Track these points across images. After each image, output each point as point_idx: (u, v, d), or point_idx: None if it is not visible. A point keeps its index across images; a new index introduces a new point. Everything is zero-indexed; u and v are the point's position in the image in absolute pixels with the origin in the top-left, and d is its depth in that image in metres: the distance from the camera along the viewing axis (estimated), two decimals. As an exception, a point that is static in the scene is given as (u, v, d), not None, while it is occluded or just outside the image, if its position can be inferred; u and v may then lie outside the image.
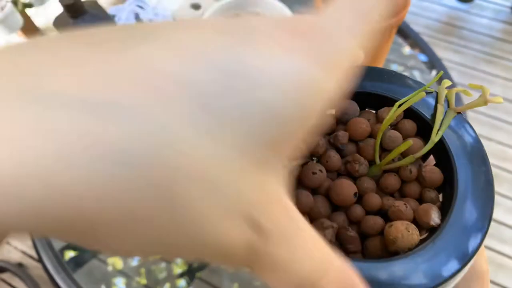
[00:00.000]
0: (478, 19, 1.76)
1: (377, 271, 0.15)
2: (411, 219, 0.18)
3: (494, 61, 1.61)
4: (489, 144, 1.40)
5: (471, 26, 1.73)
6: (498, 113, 1.47)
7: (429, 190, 0.19)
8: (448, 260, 0.16)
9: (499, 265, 1.18)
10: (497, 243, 1.22)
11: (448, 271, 0.15)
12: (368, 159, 0.20)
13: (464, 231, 0.16)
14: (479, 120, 1.46)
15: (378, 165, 0.20)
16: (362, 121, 0.20)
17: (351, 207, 0.19)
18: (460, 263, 0.16)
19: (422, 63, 0.78)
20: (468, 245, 0.16)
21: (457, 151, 0.18)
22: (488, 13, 1.77)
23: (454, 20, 1.76)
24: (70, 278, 0.58)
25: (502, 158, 1.37)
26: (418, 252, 0.16)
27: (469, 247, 0.16)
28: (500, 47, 1.65)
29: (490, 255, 1.20)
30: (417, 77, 0.76)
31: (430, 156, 0.20)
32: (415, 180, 0.19)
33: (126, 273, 0.59)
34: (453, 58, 1.62)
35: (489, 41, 1.67)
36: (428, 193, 0.19)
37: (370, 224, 0.18)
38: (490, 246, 1.21)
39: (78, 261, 0.60)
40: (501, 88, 1.53)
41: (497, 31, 1.71)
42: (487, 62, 1.61)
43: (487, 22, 1.74)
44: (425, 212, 0.17)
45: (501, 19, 1.75)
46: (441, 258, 0.16)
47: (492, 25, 1.73)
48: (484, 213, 0.17)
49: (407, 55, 0.79)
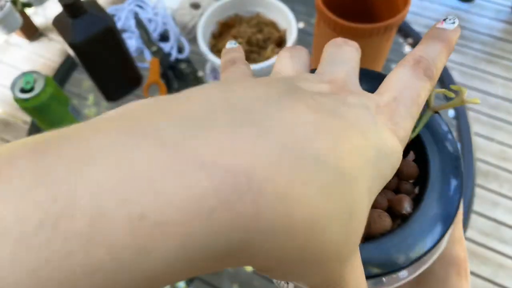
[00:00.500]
0: (478, 18, 1.75)
1: None
2: (385, 208, 0.20)
3: (494, 61, 1.61)
4: (490, 144, 1.40)
5: (471, 26, 1.72)
6: (499, 113, 1.47)
7: (405, 183, 0.21)
8: (416, 243, 0.18)
9: (499, 265, 1.18)
10: (498, 243, 1.21)
11: (415, 253, 0.17)
12: None
13: (432, 218, 0.18)
14: (479, 120, 1.46)
15: None
16: None
17: None
18: (427, 247, 0.18)
19: (422, 63, 0.77)
20: (434, 231, 0.18)
21: (431, 147, 0.20)
22: (488, 13, 1.77)
23: (454, 20, 1.75)
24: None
25: (503, 158, 1.37)
26: (389, 236, 0.18)
27: (435, 233, 0.18)
28: (501, 46, 1.65)
29: (490, 255, 1.20)
30: (418, 77, 0.76)
31: (410, 152, 0.22)
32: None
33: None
34: (453, 57, 1.62)
35: (490, 40, 1.67)
36: (404, 185, 0.21)
37: None
38: (490, 246, 1.21)
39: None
40: (501, 88, 1.53)
41: (498, 31, 1.70)
42: (488, 61, 1.61)
43: (488, 22, 1.73)
44: (399, 202, 0.19)
45: (501, 18, 1.75)
46: (409, 242, 0.18)
47: (493, 25, 1.72)
48: (452, 204, 0.19)
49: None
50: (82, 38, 0.58)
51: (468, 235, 1.23)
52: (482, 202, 1.29)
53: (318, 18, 0.52)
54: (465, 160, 0.64)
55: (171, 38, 0.77)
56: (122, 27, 0.80)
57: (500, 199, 1.29)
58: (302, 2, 0.89)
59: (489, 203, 1.29)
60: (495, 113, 1.47)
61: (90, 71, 0.65)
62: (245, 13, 0.70)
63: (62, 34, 0.59)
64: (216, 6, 0.67)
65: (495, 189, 1.31)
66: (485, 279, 1.16)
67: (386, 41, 0.49)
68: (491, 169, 1.35)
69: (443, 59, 0.18)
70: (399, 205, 0.19)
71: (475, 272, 1.18)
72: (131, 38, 0.79)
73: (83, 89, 0.79)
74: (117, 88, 0.71)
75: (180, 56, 0.77)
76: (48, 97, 0.60)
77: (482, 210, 1.27)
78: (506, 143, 1.40)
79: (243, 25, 0.68)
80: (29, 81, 0.61)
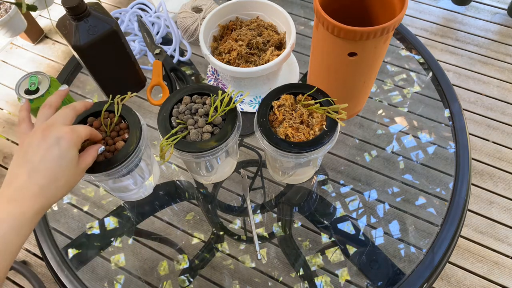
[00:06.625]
0: (474, 21, 1.77)
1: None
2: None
3: (489, 63, 1.63)
4: (485, 144, 1.42)
5: (467, 28, 1.75)
6: (494, 114, 1.49)
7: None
8: None
9: (495, 263, 1.20)
10: (493, 241, 1.23)
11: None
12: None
13: None
14: (475, 120, 1.48)
15: None
16: None
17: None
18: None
19: (418, 65, 0.79)
20: None
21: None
22: (483, 15, 1.79)
23: (450, 22, 1.78)
24: (73, 276, 0.59)
25: (498, 157, 1.39)
26: None
27: None
28: (496, 48, 1.67)
29: (486, 253, 1.21)
30: (414, 78, 0.78)
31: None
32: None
33: (128, 271, 0.60)
34: (449, 59, 1.64)
35: (485, 42, 1.69)
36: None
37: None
38: (485, 244, 1.23)
39: (81, 258, 0.61)
40: (496, 89, 1.55)
41: (493, 33, 1.73)
42: (483, 63, 1.63)
43: (483, 24, 1.76)
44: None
45: (496, 21, 1.77)
46: None
47: (488, 27, 1.75)
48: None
49: (404, 57, 0.81)
50: (86, 41, 0.58)
51: (464, 233, 1.25)
52: (478, 201, 1.31)
53: (316, 21, 0.53)
54: (461, 160, 0.66)
55: (173, 41, 0.79)
56: (125, 30, 0.81)
57: (495, 198, 1.31)
58: (301, 6, 0.91)
59: (484, 201, 1.30)
60: (490, 113, 1.49)
61: (93, 73, 0.65)
62: (245, 16, 0.71)
63: (66, 37, 0.59)
64: (217, 10, 0.68)
65: (490, 188, 1.33)
66: (480, 276, 1.18)
67: (383, 43, 0.51)
68: (486, 169, 1.37)
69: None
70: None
71: (471, 269, 1.19)
72: (134, 41, 0.80)
73: (87, 91, 0.80)
74: (120, 90, 0.72)
75: (182, 58, 0.78)
76: (53, 98, 0.60)
77: (477, 209, 1.29)
78: (501, 143, 1.42)
79: (244, 28, 0.69)
80: (34, 82, 0.62)
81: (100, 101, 0.53)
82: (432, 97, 0.74)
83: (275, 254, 0.60)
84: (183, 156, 0.51)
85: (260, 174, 0.68)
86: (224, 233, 0.63)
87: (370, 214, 0.63)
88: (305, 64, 0.79)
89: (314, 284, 0.58)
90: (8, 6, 1.50)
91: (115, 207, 0.66)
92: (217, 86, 0.72)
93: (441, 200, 0.63)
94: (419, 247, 0.60)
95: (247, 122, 0.70)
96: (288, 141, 0.49)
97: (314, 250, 0.60)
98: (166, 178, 0.68)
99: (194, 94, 0.54)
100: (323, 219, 0.63)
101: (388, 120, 0.73)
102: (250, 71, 0.62)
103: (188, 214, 0.64)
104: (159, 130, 0.51)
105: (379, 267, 0.59)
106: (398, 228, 0.62)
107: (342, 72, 0.56)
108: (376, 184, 0.66)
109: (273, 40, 0.67)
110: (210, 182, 0.67)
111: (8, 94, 1.67)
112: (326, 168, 0.68)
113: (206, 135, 0.50)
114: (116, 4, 1.96)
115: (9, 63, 1.77)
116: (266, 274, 0.59)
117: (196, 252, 0.61)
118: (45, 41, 1.83)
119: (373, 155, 0.69)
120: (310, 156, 0.49)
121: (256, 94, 0.72)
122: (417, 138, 0.70)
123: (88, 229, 0.64)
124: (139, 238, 0.63)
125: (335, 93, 0.54)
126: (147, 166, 0.59)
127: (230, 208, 0.65)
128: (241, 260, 0.60)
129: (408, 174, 0.67)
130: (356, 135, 0.71)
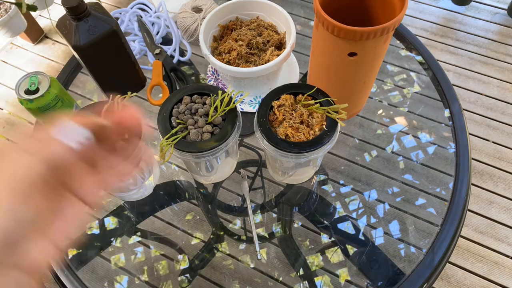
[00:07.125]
0: (474, 21, 1.77)
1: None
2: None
3: (489, 63, 1.63)
4: (485, 144, 1.42)
5: (467, 28, 1.75)
6: (494, 114, 1.49)
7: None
8: None
9: (495, 263, 1.20)
10: (492, 241, 1.23)
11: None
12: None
13: None
14: (475, 120, 1.48)
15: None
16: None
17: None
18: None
19: (418, 65, 0.79)
20: None
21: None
22: (483, 15, 1.79)
23: (450, 22, 1.78)
24: (73, 276, 0.59)
25: (498, 157, 1.39)
26: None
27: None
28: (496, 48, 1.67)
29: (486, 253, 1.21)
30: (414, 78, 0.78)
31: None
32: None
33: (128, 270, 0.60)
34: (449, 59, 1.64)
35: (485, 42, 1.69)
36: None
37: None
38: (485, 244, 1.23)
39: (81, 258, 0.61)
40: (496, 89, 1.55)
41: (493, 33, 1.73)
42: (483, 63, 1.63)
43: (483, 24, 1.76)
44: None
45: (496, 21, 1.77)
46: None
47: (488, 27, 1.75)
48: None
49: (404, 57, 0.81)
50: (86, 41, 0.58)
51: (464, 233, 1.25)
52: (478, 201, 1.31)
53: (316, 21, 0.53)
54: (461, 160, 0.66)
55: (173, 41, 0.79)
56: (125, 30, 0.81)
57: (495, 198, 1.31)
58: (301, 6, 0.91)
59: (484, 201, 1.30)
60: (490, 113, 1.49)
61: (94, 73, 0.65)
62: (245, 16, 0.71)
63: (66, 37, 0.59)
64: (217, 10, 0.68)
65: (490, 188, 1.33)
66: (480, 276, 1.18)
67: (383, 43, 0.51)
68: (486, 169, 1.37)
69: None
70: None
71: (471, 269, 1.19)
72: (134, 41, 0.80)
73: (87, 91, 0.80)
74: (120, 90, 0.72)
75: (182, 58, 0.78)
76: (52, 98, 0.60)
77: (477, 209, 1.29)
78: (501, 143, 1.42)
79: (243, 28, 0.69)
80: (34, 82, 0.62)
81: (100, 101, 0.53)
82: (432, 97, 0.75)
83: (275, 254, 0.60)
84: (183, 156, 0.51)
85: (260, 174, 0.68)
86: (224, 233, 0.63)
87: (370, 214, 0.63)
88: (305, 64, 0.79)
89: (314, 284, 0.58)
90: (8, 6, 1.50)
91: (115, 207, 0.66)
92: (217, 86, 0.72)
93: (441, 200, 0.63)
94: (419, 247, 0.60)
95: (247, 122, 0.70)
96: (288, 141, 0.49)
97: (314, 250, 0.60)
98: (166, 178, 0.68)
99: (194, 94, 0.54)
100: (323, 219, 0.63)
101: (388, 120, 0.73)
102: (250, 71, 0.62)
103: (188, 214, 0.64)
104: (159, 130, 0.51)
105: (379, 267, 0.59)
106: (398, 228, 0.62)
107: (342, 72, 0.56)
108: (376, 184, 0.66)
109: (273, 40, 0.67)
110: (210, 182, 0.67)
111: (8, 94, 1.67)
112: (326, 168, 0.68)
113: (206, 135, 0.50)
114: (116, 4, 1.96)
115: (9, 63, 1.77)
116: (266, 274, 0.59)
117: (196, 252, 0.61)
118: (45, 41, 1.83)
119: (373, 155, 0.69)
120: (310, 156, 0.49)
121: (256, 94, 0.72)
122: (417, 138, 0.70)
123: (88, 229, 0.64)
124: (139, 238, 0.63)
125: (335, 93, 0.54)
126: (147, 166, 0.59)
127: (230, 208, 0.65)
128: (241, 260, 0.60)
129: (408, 174, 0.67)
130: (356, 135, 0.71)
